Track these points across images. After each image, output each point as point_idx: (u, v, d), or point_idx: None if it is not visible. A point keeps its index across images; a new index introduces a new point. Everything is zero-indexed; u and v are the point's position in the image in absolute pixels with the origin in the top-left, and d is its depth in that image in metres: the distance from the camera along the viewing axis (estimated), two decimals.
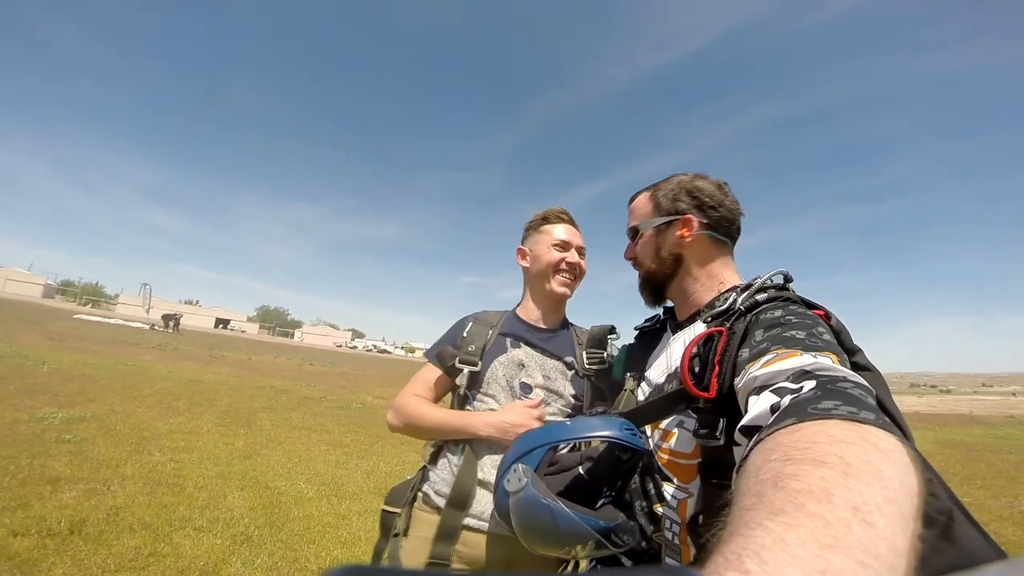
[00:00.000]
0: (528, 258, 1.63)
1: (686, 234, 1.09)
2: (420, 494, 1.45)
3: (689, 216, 1.09)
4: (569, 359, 1.55)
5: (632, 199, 1.22)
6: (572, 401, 1.51)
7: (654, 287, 1.14)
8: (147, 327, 31.15)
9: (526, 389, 1.48)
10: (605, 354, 1.54)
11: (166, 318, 34.21)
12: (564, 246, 1.57)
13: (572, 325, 1.68)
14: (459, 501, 1.34)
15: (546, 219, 1.62)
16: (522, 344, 1.55)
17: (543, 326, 1.61)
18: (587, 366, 1.53)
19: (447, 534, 1.33)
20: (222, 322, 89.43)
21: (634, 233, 1.17)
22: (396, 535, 1.39)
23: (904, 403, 28.59)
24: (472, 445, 1.40)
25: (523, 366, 1.51)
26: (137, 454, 4.56)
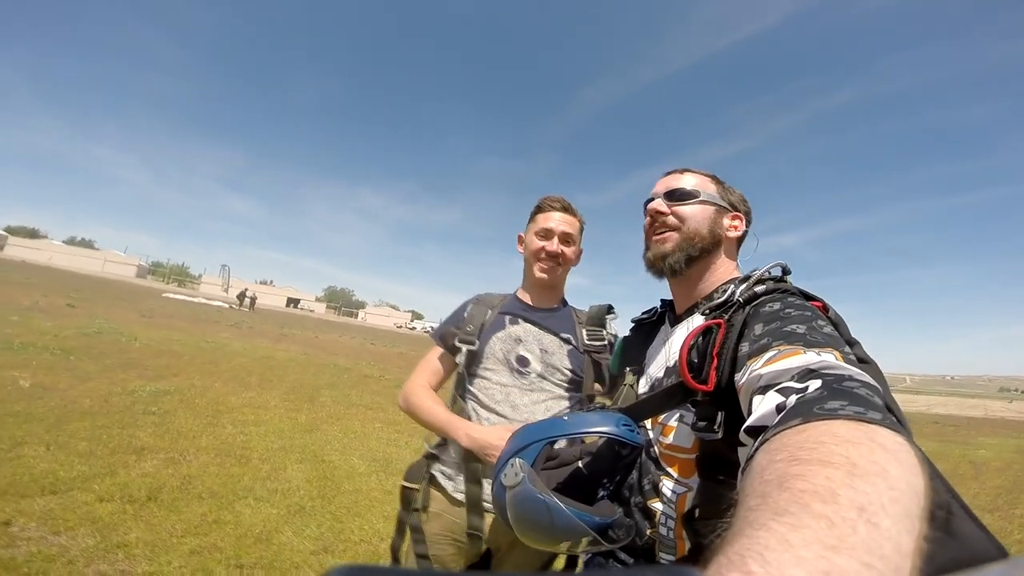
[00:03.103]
0: (523, 245, 1.72)
1: (736, 227, 1.12)
2: (432, 474, 1.57)
3: (742, 215, 1.13)
4: (566, 335, 1.60)
5: (682, 169, 1.17)
6: (570, 375, 1.56)
7: (692, 255, 1.07)
8: (226, 306, 33.61)
9: (523, 362, 1.55)
10: (604, 332, 1.59)
11: (240, 296, 36.78)
12: (546, 234, 1.61)
13: (571, 307, 1.73)
14: (474, 478, 1.45)
15: (539, 207, 1.68)
16: (520, 320, 1.63)
17: (541, 306, 1.68)
18: (587, 342, 1.58)
19: (475, 506, 1.45)
20: (293, 301, 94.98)
21: (684, 196, 1.11)
22: (416, 509, 1.53)
23: (990, 408, 26.14)
24: None
25: (520, 340, 1.59)
26: (212, 426, 4.98)
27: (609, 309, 1.63)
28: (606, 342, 1.57)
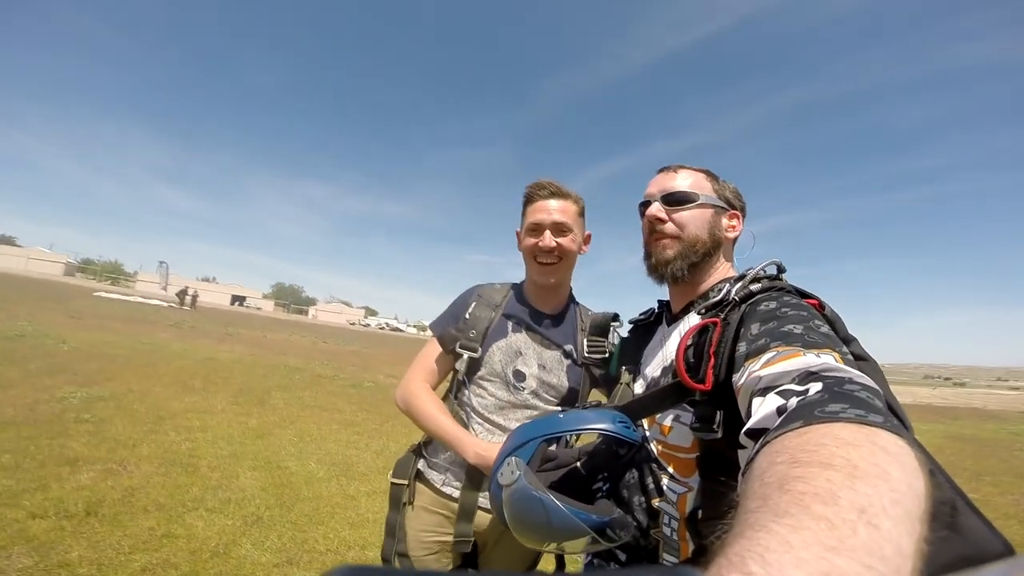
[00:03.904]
0: (519, 243, 1.58)
1: (734, 227, 1.12)
2: (419, 471, 1.55)
3: (739, 213, 1.13)
4: (568, 347, 1.55)
5: (676, 166, 1.15)
6: (566, 393, 1.54)
7: (694, 261, 1.08)
8: (165, 304, 31.67)
9: (519, 377, 1.51)
10: (607, 343, 1.49)
11: (180, 294, 34.73)
12: (536, 230, 1.49)
13: (579, 306, 1.65)
14: (473, 486, 1.43)
15: (526, 198, 1.54)
16: (523, 329, 1.56)
17: (546, 310, 1.59)
18: (586, 354, 1.50)
19: (466, 514, 1.43)
20: (238, 299, 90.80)
21: (682, 200, 1.09)
22: (404, 504, 1.52)
23: (917, 395, 28.31)
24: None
25: (520, 354, 1.53)
26: (153, 434, 4.67)
27: (615, 318, 1.53)
28: (607, 354, 1.48)
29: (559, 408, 1.52)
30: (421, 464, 1.55)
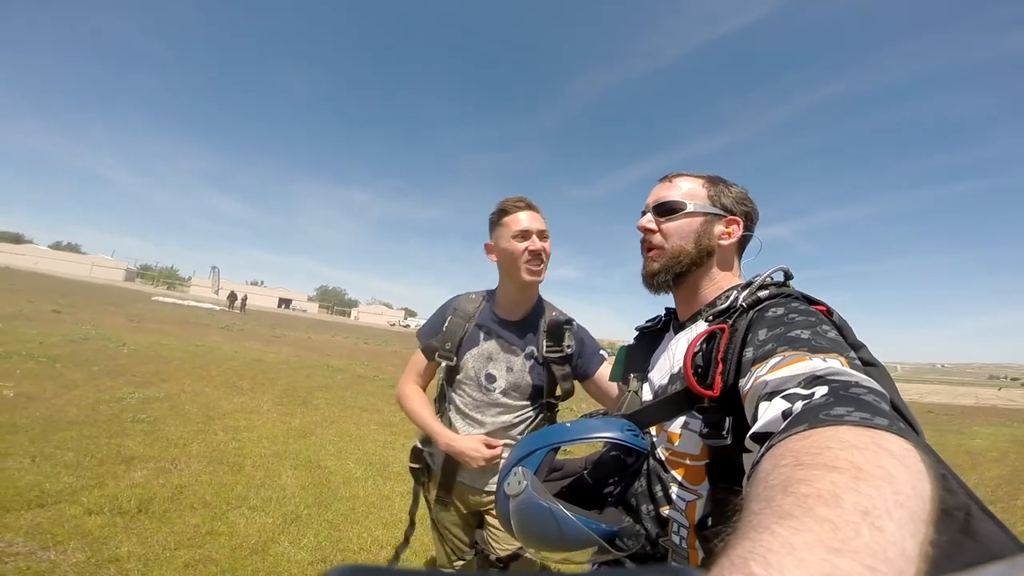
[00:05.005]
0: (495, 252, 1.75)
1: (730, 234, 1.09)
2: (426, 456, 1.82)
3: (738, 219, 1.09)
4: (531, 349, 1.74)
5: (673, 175, 1.14)
6: (531, 391, 1.73)
7: (679, 272, 1.07)
8: (217, 308, 33.31)
9: (490, 379, 1.72)
10: (563, 345, 1.71)
11: (231, 297, 36.53)
12: (524, 235, 1.66)
13: (546, 307, 1.82)
14: (451, 469, 1.71)
15: (504, 211, 1.71)
16: (492, 337, 1.75)
17: (513, 318, 1.77)
18: (546, 354, 1.71)
19: (445, 485, 1.73)
20: (285, 302, 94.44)
21: (671, 210, 1.09)
22: (424, 482, 1.81)
23: (980, 396, 26.54)
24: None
25: (491, 359, 1.73)
26: (203, 433, 4.89)
27: (568, 322, 1.73)
28: (564, 354, 1.71)
29: (527, 403, 1.74)
30: (424, 453, 1.81)
